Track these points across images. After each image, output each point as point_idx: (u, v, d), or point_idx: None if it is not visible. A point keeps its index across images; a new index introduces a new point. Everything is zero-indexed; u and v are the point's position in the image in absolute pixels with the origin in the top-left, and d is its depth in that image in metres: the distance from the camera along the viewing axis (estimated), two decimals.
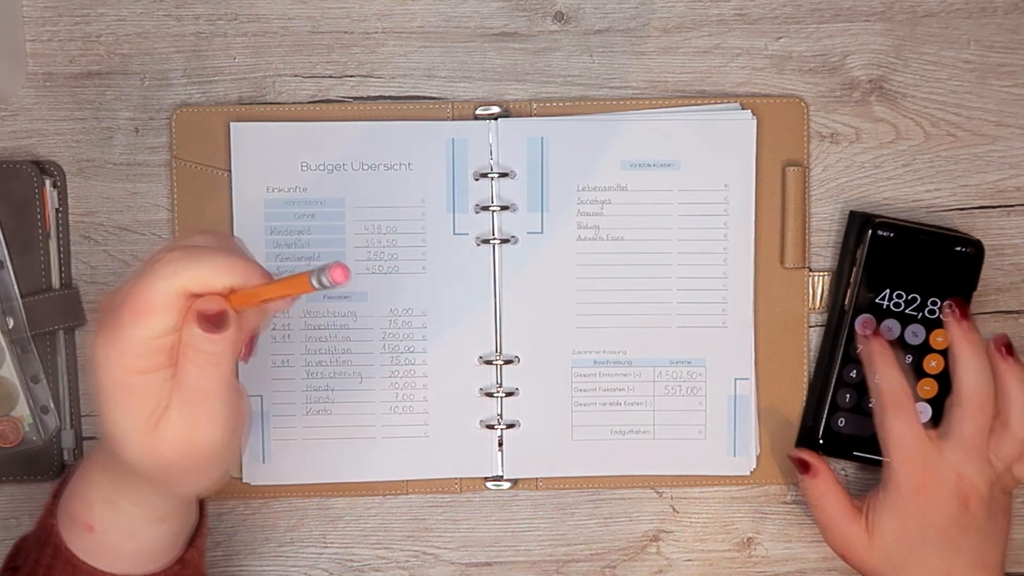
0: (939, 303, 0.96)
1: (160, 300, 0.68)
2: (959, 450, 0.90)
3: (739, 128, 0.98)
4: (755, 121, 0.98)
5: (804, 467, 0.95)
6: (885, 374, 0.92)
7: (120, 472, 0.75)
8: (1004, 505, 0.92)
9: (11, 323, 0.95)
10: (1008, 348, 0.93)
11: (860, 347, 0.95)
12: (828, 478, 0.94)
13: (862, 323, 0.95)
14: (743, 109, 0.98)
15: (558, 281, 0.98)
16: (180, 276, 0.68)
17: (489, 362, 0.98)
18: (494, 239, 0.97)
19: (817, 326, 0.99)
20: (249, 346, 0.74)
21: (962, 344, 0.92)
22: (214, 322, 0.68)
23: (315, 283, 0.68)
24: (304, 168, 0.97)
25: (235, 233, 0.96)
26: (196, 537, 0.84)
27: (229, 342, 0.69)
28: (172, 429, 0.70)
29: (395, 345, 0.97)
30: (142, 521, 0.78)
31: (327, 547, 0.99)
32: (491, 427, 0.98)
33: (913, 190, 0.99)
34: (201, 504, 0.85)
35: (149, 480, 0.74)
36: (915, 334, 0.96)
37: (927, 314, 0.96)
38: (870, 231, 0.96)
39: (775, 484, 1.00)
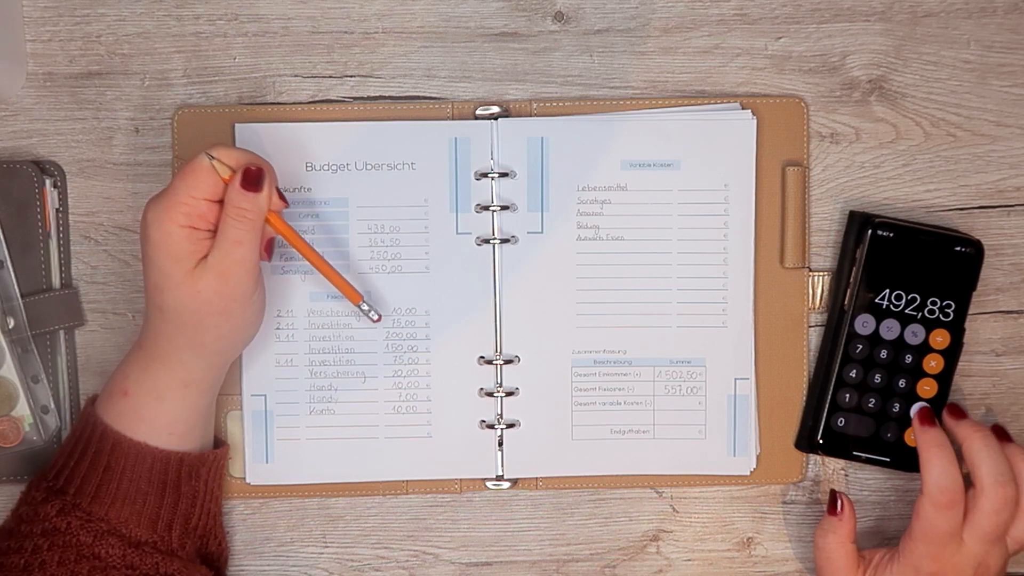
0: (939, 303, 0.96)
1: (204, 164, 0.84)
2: (983, 542, 0.90)
3: (739, 128, 0.98)
4: (755, 121, 0.98)
5: (835, 508, 0.94)
6: (943, 470, 0.91)
7: (157, 335, 0.87)
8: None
9: (11, 323, 0.95)
10: (1007, 435, 0.94)
11: (915, 435, 0.94)
12: (850, 530, 0.94)
13: (919, 412, 0.95)
14: (743, 109, 0.98)
15: (558, 281, 0.98)
16: (218, 148, 0.85)
17: (489, 362, 0.98)
18: (494, 239, 0.97)
19: (817, 326, 0.99)
20: (268, 248, 0.88)
21: (975, 442, 0.92)
22: (252, 179, 0.84)
23: (364, 306, 0.93)
24: (308, 168, 0.97)
25: None
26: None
27: (259, 205, 0.85)
28: (209, 271, 0.84)
29: (398, 345, 0.97)
30: (170, 383, 0.88)
31: (327, 547, 0.99)
32: (491, 427, 0.98)
33: (913, 190, 1.00)
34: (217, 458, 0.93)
35: (186, 327, 0.86)
36: (915, 334, 0.96)
37: (927, 314, 0.96)
38: (870, 231, 0.96)
39: (775, 484, 1.00)
